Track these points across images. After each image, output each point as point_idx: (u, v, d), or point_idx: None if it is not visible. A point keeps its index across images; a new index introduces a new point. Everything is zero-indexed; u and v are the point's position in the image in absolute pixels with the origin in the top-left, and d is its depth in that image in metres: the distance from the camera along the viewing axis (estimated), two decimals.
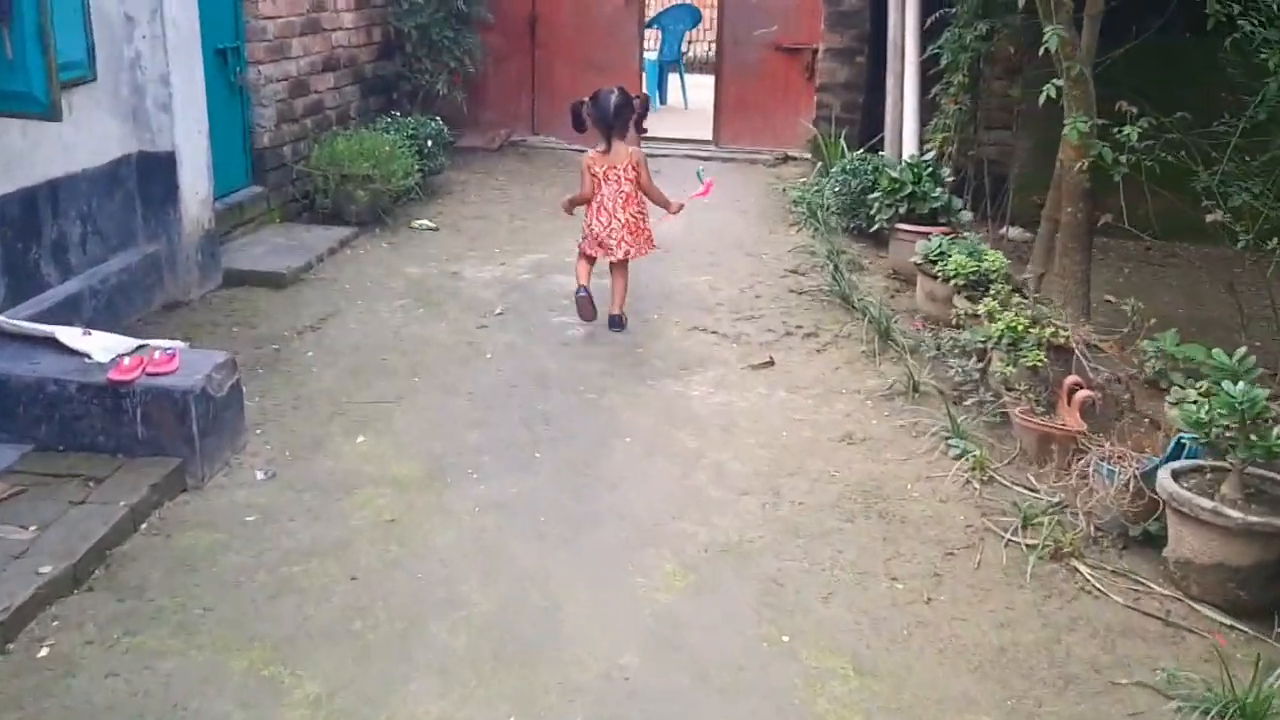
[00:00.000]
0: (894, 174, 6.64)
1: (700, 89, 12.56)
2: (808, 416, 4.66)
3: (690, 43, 15.56)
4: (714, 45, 13.01)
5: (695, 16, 13.18)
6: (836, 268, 6.30)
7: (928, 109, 8.07)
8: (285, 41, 6.97)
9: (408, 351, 5.17)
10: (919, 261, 5.89)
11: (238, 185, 6.70)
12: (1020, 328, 4.47)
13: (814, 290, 6.23)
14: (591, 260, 5.65)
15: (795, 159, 9.16)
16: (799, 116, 9.13)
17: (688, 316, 5.80)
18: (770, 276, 6.49)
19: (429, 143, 7.70)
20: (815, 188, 8.08)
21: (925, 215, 6.56)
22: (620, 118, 5.57)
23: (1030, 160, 7.65)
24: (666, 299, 6.07)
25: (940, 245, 5.85)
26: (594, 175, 5.60)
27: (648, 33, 15.36)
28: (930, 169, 6.67)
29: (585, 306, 5.49)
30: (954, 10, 7.25)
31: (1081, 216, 5.43)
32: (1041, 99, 4.86)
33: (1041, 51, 5.03)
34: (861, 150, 8.09)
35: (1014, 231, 7.59)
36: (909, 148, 8.01)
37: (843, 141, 8.25)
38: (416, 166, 7.38)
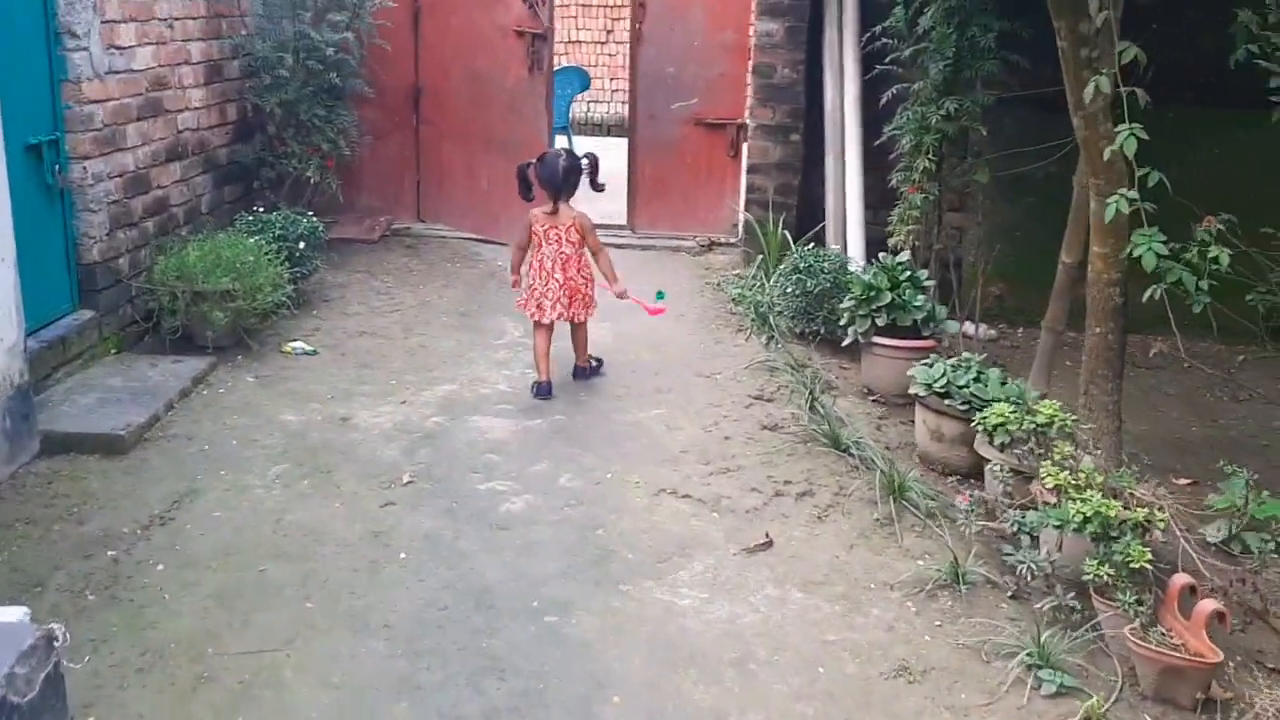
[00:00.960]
0: (868, 279, 5.62)
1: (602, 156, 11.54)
2: (841, 635, 3.54)
3: (590, 103, 14.58)
4: (620, 109, 12.07)
5: (584, 81, 12.15)
6: (814, 397, 5.23)
7: (872, 192, 7.18)
8: (118, 129, 5.60)
9: (294, 556, 3.87)
10: (920, 393, 4.86)
11: (60, 312, 5.29)
12: (1114, 514, 3.44)
13: (791, 426, 5.14)
14: (546, 330, 5.50)
15: (722, 245, 8.12)
16: (724, 199, 8.11)
17: (650, 473, 4.64)
18: (734, 407, 5.38)
19: (301, 244, 6.39)
20: (755, 284, 7.03)
21: (906, 326, 5.56)
22: (569, 181, 5.50)
23: (986, 246, 6.81)
24: (617, 446, 4.89)
25: (944, 373, 4.84)
26: (535, 233, 5.54)
27: None
28: (907, 272, 5.68)
29: (542, 391, 5.43)
30: (910, 87, 6.33)
31: (1114, 338, 4.50)
32: (1109, 214, 3.87)
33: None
34: (804, 240, 7.10)
35: (980, 330, 6.69)
36: (855, 238, 7.07)
37: (784, 231, 7.24)
38: (288, 274, 6.06)
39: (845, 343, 5.76)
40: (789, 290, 6.28)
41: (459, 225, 7.99)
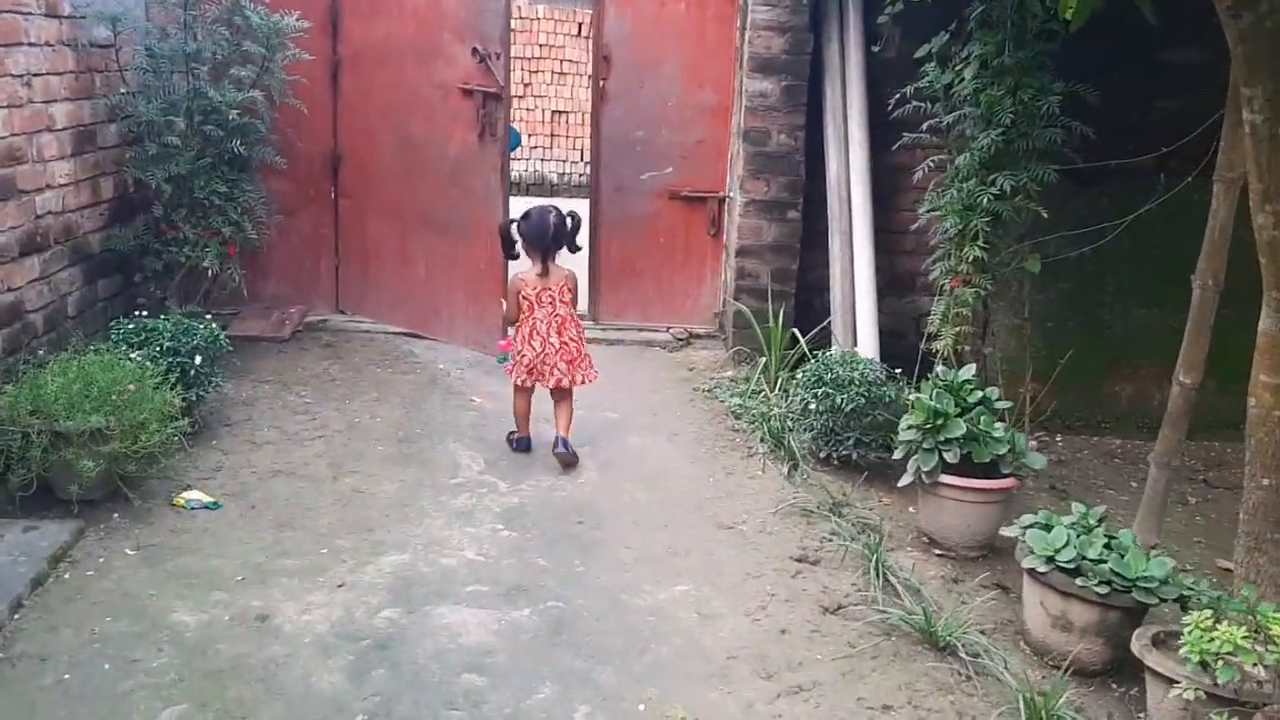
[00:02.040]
0: (933, 403, 4.47)
1: None
2: None
3: (541, 160, 13.44)
4: (580, 175, 10.99)
5: (514, 139, 10.92)
6: (880, 563, 4.04)
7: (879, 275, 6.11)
8: None
9: None
10: (1039, 569, 3.70)
11: None
12: None
13: (858, 605, 3.95)
14: (528, 393, 5.23)
15: (702, 338, 6.93)
16: (704, 284, 6.94)
17: (696, 699, 3.38)
18: (777, 576, 4.16)
19: (197, 359, 5.00)
20: (756, 392, 5.86)
21: (985, 464, 4.43)
22: (558, 239, 5.10)
23: (1013, 343, 5.83)
24: (641, 652, 3.62)
25: (1069, 541, 3.70)
26: (525, 298, 5.12)
27: None
28: (977, 392, 4.54)
29: (521, 445, 5.28)
30: (950, 158, 5.26)
31: None
32: None
33: None
34: (809, 337, 5.97)
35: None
36: (867, 333, 5.96)
37: (781, 326, 6.10)
38: (180, 399, 4.69)
39: (903, 483, 4.58)
40: (813, 407, 5.10)
41: (388, 318, 6.66)
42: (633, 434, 5.50)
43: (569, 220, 5.09)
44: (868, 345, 6.02)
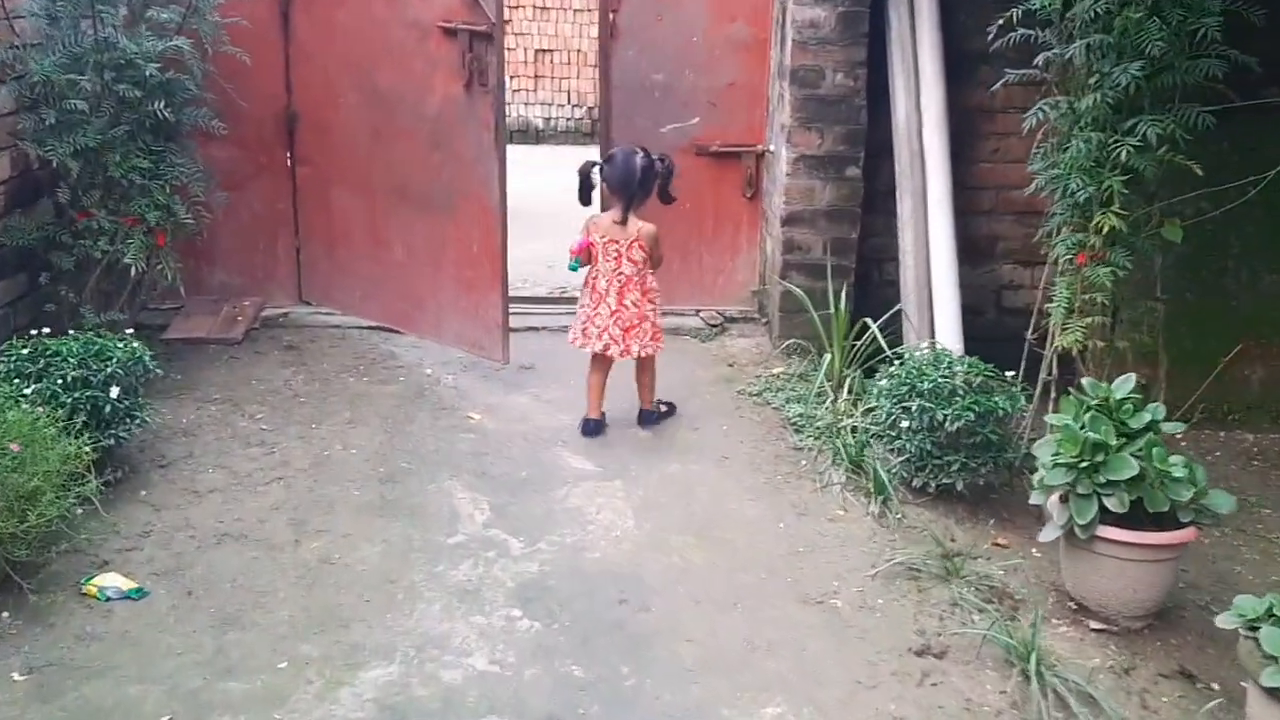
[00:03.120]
0: (1085, 430, 3.36)
1: (532, 171, 9.09)
2: None
3: (525, 104, 12.22)
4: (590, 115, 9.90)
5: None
6: (1039, 664, 2.97)
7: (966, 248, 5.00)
8: None
9: None
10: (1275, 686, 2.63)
11: None
12: None
13: None
14: (604, 365, 4.60)
15: (739, 321, 5.81)
16: (739, 257, 5.81)
17: None
18: (895, 682, 3.09)
19: (114, 390, 3.86)
20: (818, 396, 4.75)
21: (1163, 512, 3.35)
22: (645, 186, 4.49)
23: (1143, 331, 4.77)
24: None
25: None
26: (592, 243, 4.50)
27: None
28: (1145, 416, 3.43)
29: (590, 429, 4.59)
30: (1069, 100, 4.12)
31: None
32: None
33: None
34: (856, 332, 4.86)
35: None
36: (948, 321, 4.85)
37: (845, 311, 4.97)
38: (91, 447, 3.57)
39: (1047, 537, 3.49)
40: (906, 425, 4.01)
41: (362, 310, 5.51)
42: (672, 457, 4.40)
43: (659, 164, 4.48)
44: (949, 332, 4.92)
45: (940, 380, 4.03)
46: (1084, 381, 3.69)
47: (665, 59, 5.53)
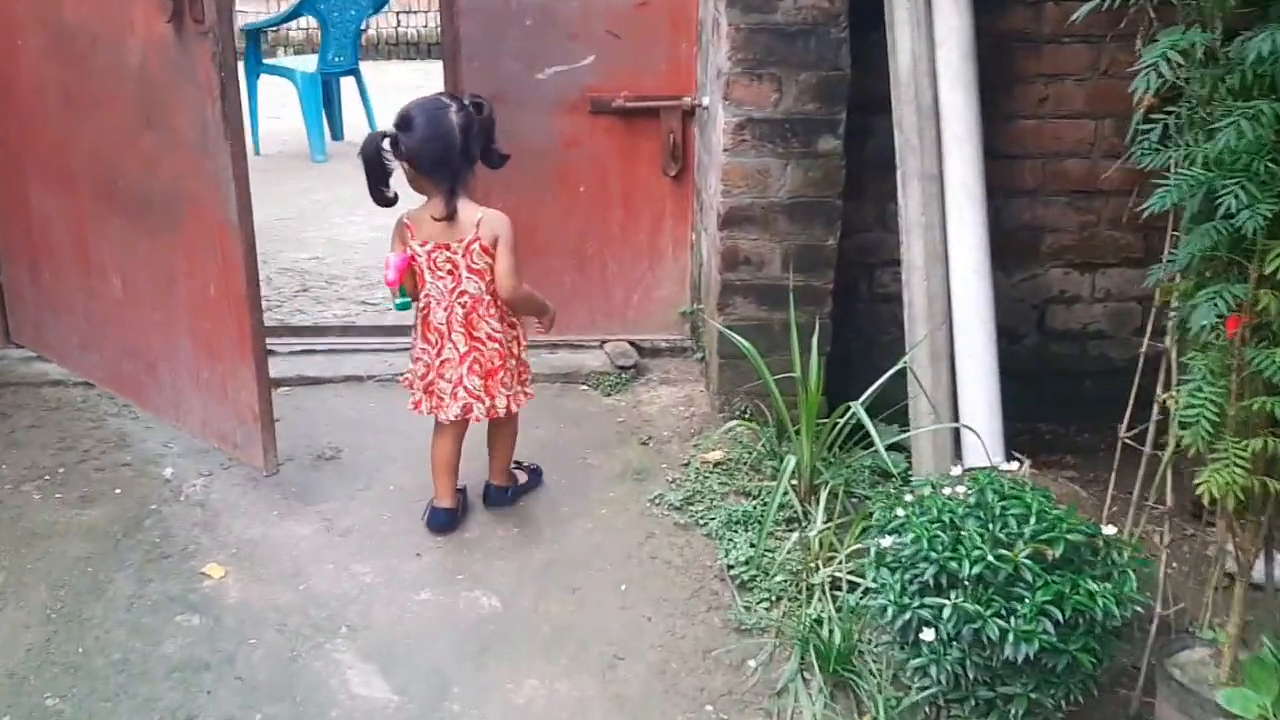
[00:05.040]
0: None
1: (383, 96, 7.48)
2: None
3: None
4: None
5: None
6: None
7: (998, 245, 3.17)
8: None
9: None
10: None
11: None
12: None
13: None
14: (455, 432, 3.00)
15: (663, 355, 3.97)
16: (660, 262, 3.93)
17: None
18: None
19: None
20: (778, 523, 2.94)
21: None
22: (468, 152, 2.81)
23: None
24: None
25: None
26: (414, 256, 2.83)
27: (301, 29, 9.75)
28: None
29: (439, 521, 3.03)
30: (1189, 39, 2.21)
31: None
32: None
33: None
34: (848, 412, 3.04)
35: None
36: (980, 399, 3.01)
37: (817, 369, 3.15)
38: None
39: None
40: (928, 638, 2.21)
41: (80, 365, 3.65)
42: (523, 662, 2.59)
43: (476, 110, 2.83)
44: (981, 407, 3.12)
45: (992, 560, 2.22)
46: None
47: None
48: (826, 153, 3.30)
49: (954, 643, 2.23)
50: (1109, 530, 2.35)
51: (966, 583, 2.22)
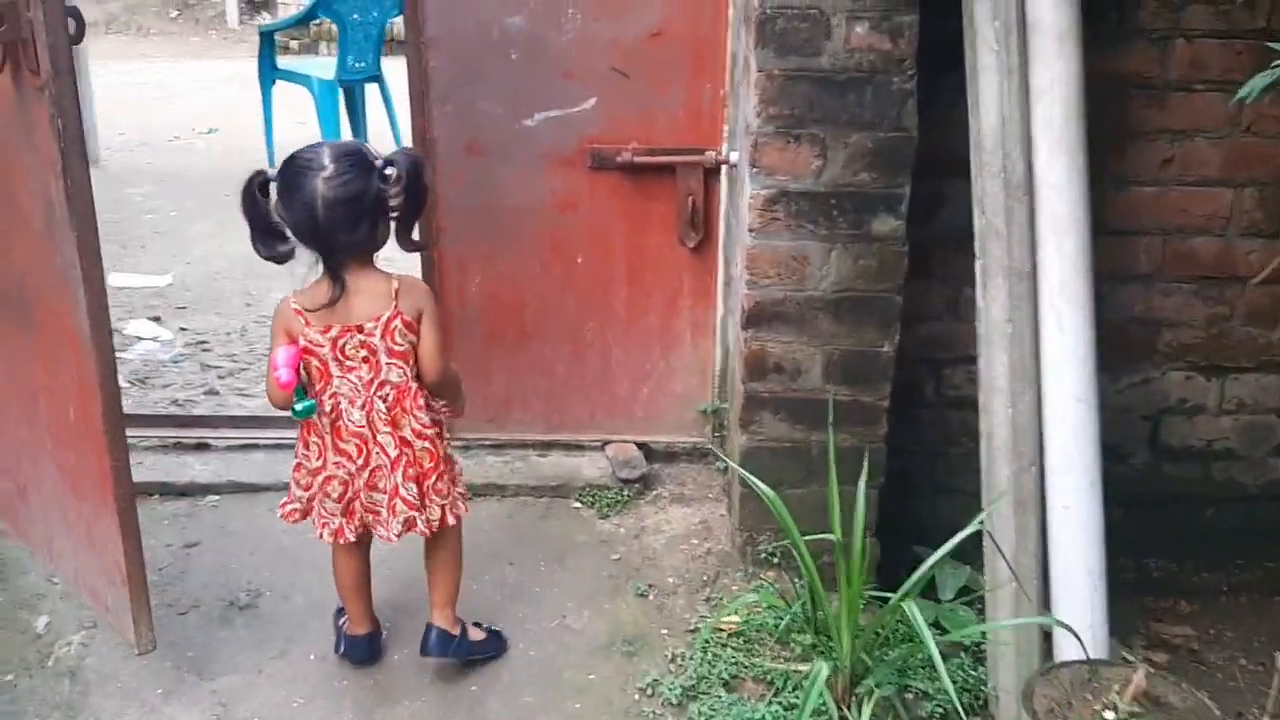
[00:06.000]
0: None
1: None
2: None
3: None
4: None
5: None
6: None
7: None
8: None
9: None
10: None
11: None
12: None
13: None
14: (352, 547, 2.39)
15: (678, 461, 3.24)
16: (675, 348, 3.20)
17: None
18: None
19: None
20: None
21: None
22: (368, 223, 2.15)
23: None
24: None
25: None
26: (307, 348, 2.20)
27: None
28: None
29: (358, 650, 2.46)
30: None
31: None
32: None
33: None
34: (901, 598, 2.27)
35: None
36: (1083, 585, 2.24)
37: (863, 521, 2.42)
38: None
39: None
40: None
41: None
42: None
43: (395, 166, 2.14)
44: (1077, 584, 2.36)
45: None
46: None
47: None
48: (884, 235, 2.54)
49: None
50: None
51: None
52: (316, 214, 2.07)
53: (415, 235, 2.27)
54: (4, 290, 2.38)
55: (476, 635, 2.50)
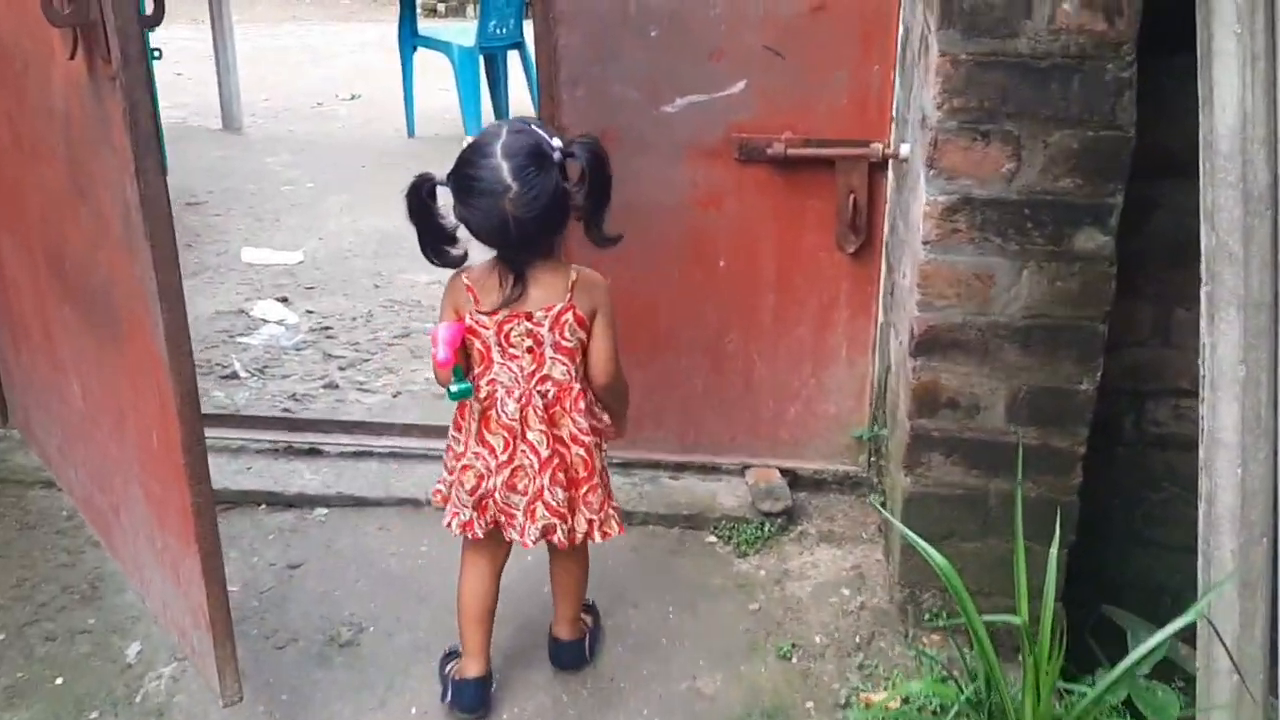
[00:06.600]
0: None
1: None
2: None
3: None
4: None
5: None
6: None
7: None
8: None
9: None
10: None
11: None
12: None
13: None
14: (488, 555, 2.19)
15: (827, 491, 2.87)
16: (829, 365, 2.81)
17: None
18: None
19: None
20: None
21: None
22: (553, 217, 1.95)
23: None
24: None
25: None
26: (471, 328, 2.02)
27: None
28: None
29: (466, 699, 2.21)
30: None
31: None
32: None
33: None
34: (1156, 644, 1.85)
35: None
36: None
37: (1052, 596, 2.01)
38: None
39: None
40: None
41: (60, 473, 2.86)
42: None
43: (578, 157, 1.94)
44: None
45: None
46: None
47: None
48: (1088, 253, 2.12)
49: None
50: None
51: None
52: (509, 233, 1.93)
53: (604, 229, 2.03)
54: (95, 293, 2.17)
55: (587, 623, 2.42)
